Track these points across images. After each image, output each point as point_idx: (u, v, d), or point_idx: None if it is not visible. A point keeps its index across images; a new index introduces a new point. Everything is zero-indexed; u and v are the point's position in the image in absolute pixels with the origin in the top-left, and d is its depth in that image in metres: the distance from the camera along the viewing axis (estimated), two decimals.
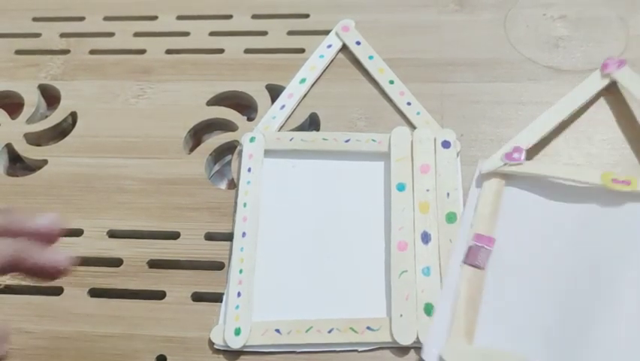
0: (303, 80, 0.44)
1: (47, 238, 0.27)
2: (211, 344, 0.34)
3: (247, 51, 0.47)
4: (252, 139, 0.41)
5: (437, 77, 0.44)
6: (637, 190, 0.35)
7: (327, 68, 0.45)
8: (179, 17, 0.50)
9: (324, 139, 0.40)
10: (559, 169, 0.37)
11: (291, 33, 0.48)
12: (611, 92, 0.41)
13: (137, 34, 0.49)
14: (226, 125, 0.43)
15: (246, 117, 0.44)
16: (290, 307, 0.34)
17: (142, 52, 0.48)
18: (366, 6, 0.49)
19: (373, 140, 0.40)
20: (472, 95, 0.42)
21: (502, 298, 0.33)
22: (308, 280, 0.36)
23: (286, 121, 0.43)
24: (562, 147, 0.40)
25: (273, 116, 0.43)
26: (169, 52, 0.48)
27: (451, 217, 0.36)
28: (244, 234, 0.37)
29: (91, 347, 0.35)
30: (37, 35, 0.51)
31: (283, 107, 0.43)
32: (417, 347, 0.32)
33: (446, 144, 0.39)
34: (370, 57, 0.45)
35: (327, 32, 0.47)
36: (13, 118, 0.46)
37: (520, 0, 0.48)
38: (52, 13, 0.52)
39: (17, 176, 0.43)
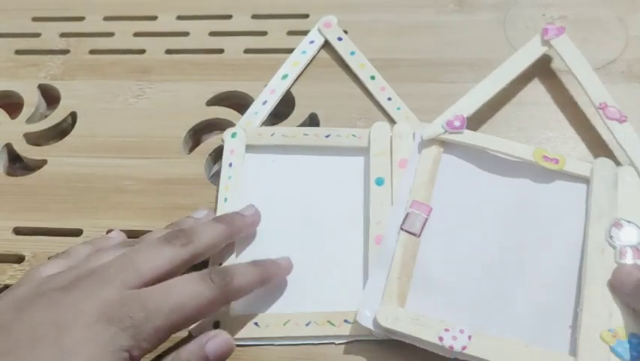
0: (285, 76, 0.45)
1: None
2: None
3: (247, 51, 0.47)
4: (234, 135, 0.41)
5: (436, 78, 0.44)
6: (564, 170, 0.36)
7: (309, 63, 0.46)
8: (179, 17, 0.50)
9: (304, 134, 0.41)
10: (495, 142, 0.38)
11: (290, 33, 0.48)
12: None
13: (136, 34, 0.50)
14: (226, 126, 0.43)
15: None
16: (269, 301, 0.35)
17: (142, 52, 0.48)
18: (366, 6, 0.49)
19: (354, 135, 0.40)
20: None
21: (434, 265, 0.34)
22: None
23: (266, 117, 0.43)
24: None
25: (255, 112, 0.43)
26: (169, 52, 0.48)
27: None
28: None
29: None
30: (37, 35, 0.51)
31: (265, 102, 0.43)
32: (392, 339, 0.33)
33: None
34: (352, 53, 0.45)
35: None
36: (12, 118, 0.46)
37: (519, 0, 0.48)
38: (52, 13, 0.52)
39: (17, 176, 0.43)
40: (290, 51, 0.47)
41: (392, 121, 0.41)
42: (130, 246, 0.33)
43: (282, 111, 0.44)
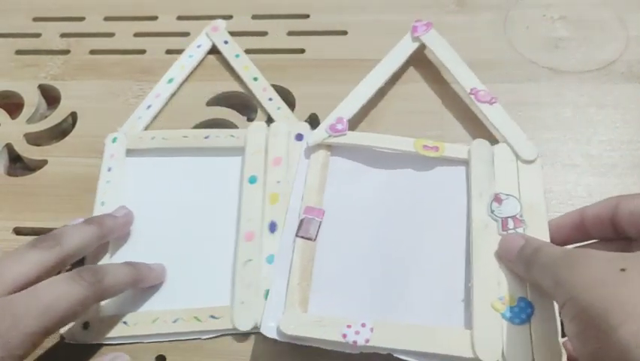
0: (170, 80, 0.45)
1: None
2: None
3: (247, 51, 0.47)
4: (114, 139, 0.42)
5: (437, 78, 0.44)
6: (444, 155, 0.38)
7: (196, 67, 0.46)
8: (179, 18, 0.50)
9: (184, 136, 0.41)
10: (377, 139, 0.39)
11: (290, 33, 0.48)
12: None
13: (137, 35, 0.50)
14: (226, 126, 0.43)
15: (245, 118, 0.44)
16: (140, 301, 0.35)
17: (142, 52, 0.48)
18: (367, 6, 0.49)
19: (232, 135, 0.41)
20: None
21: (332, 266, 0.35)
22: None
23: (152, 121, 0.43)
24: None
25: (138, 116, 0.43)
26: (169, 52, 0.48)
27: None
28: None
29: None
30: (38, 35, 0.51)
31: (149, 107, 0.44)
32: (257, 332, 0.33)
33: (299, 137, 0.40)
34: (237, 55, 0.46)
35: (327, 33, 0.48)
36: (13, 118, 0.46)
37: (520, 1, 0.48)
38: (53, 13, 0.52)
39: (17, 176, 0.43)
40: (290, 51, 0.47)
41: (271, 120, 0.42)
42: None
43: None
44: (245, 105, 0.45)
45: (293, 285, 0.33)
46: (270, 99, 0.43)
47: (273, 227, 0.36)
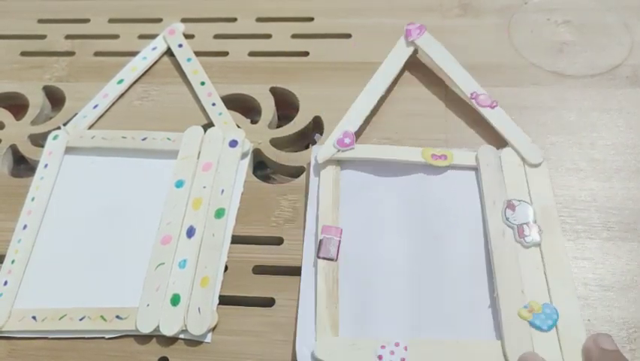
0: (120, 81, 0.46)
1: None
2: None
3: (251, 54, 0.47)
4: (55, 137, 0.42)
5: (441, 81, 0.44)
6: (453, 163, 0.38)
7: (148, 69, 0.47)
8: (184, 20, 0.51)
9: (123, 137, 0.42)
10: (385, 151, 0.39)
11: (295, 36, 0.48)
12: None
13: (141, 37, 0.50)
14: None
15: (249, 120, 0.44)
16: (53, 297, 0.36)
17: None
18: (371, 10, 0.49)
19: (168, 138, 0.41)
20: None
21: (357, 285, 0.35)
22: (75, 272, 0.37)
23: (97, 119, 0.44)
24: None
25: (84, 115, 0.44)
26: (172, 54, 0.48)
27: (219, 213, 0.37)
28: (25, 226, 0.39)
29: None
30: (43, 37, 0.51)
31: (96, 106, 0.44)
32: (158, 335, 0.34)
33: (233, 143, 0.40)
34: (188, 59, 0.47)
35: (330, 36, 0.48)
36: (17, 119, 0.46)
37: (524, 5, 0.48)
38: (58, 15, 0.52)
39: (21, 177, 0.43)
40: (294, 54, 0.47)
41: (211, 125, 0.42)
42: None
43: (285, 114, 0.44)
44: (249, 108, 0.45)
45: (321, 309, 0.33)
46: (214, 104, 0.44)
47: (190, 232, 0.37)
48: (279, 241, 0.37)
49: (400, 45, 0.44)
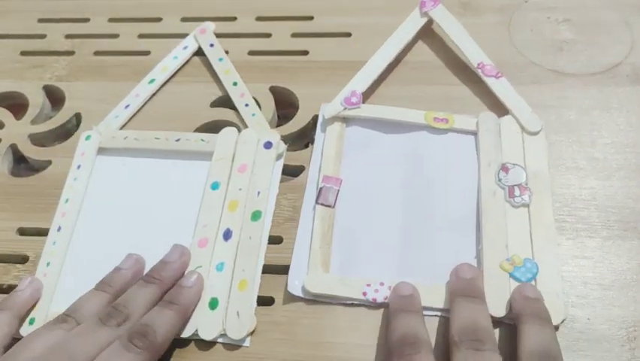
0: (152, 81, 0.45)
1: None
2: None
3: (251, 53, 0.47)
4: (88, 137, 0.42)
5: (442, 80, 0.44)
6: (454, 127, 0.40)
7: (179, 69, 0.46)
8: (184, 19, 0.50)
9: (156, 138, 0.41)
10: (390, 111, 0.41)
11: (295, 35, 0.48)
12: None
13: (141, 36, 0.50)
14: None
15: None
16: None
17: (146, 53, 0.48)
18: (370, 9, 0.49)
19: (202, 140, 0.41)
20: (476, 98, 0.42)
21: (351, 230, 0.37)
22: None
23: (130, 119, 0.44)
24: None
25: (115, 115, 0.44)
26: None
27: (256, 215, 0.37)
28: (59, 228, 0.38)
29: None
30: (43, 36, 0.51)
31: (128, 106, 0.44)
32: (196, 338, 0.33)
33: (268, 145, 0.40)
34: (220, 59, 0.46)
35: (331, 35, 0.48)
36: (17, 119, 0.46)
37: (524, 3, 0.48)
38: (58, 14, 0.52)
39: (21, 176, 0.43)
40: (294, 53, 0.47)
41: (246, 126, 0.42)
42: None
43: (285, 113, 0.44)
44: None
45: (315, 248, 0.36)
46: (247, 105, 0.43)
47: (227, 235, 0.36)
48: (278, 240, 0.37)
49: (414, 15, 0.46)
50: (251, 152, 0.40)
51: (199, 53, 0.48)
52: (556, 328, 0.32)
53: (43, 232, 0.39)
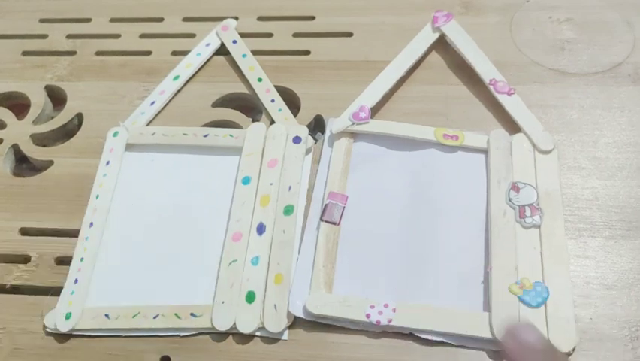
0: (176, 77, 0.45)
1: None
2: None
3: (253, 53, 0.47)
4: (115, 134, 0.42)
5: (442, 80, 0.44)
6: (464, 144, 0.39)
7: (202, 67, 0.46)
8: (185, 19, 0.50)
9: (184, 134, 0.42)
10: (399, 127, 0.40)
11: (296, 35, 0.48)
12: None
13: (143, 36, 0.50)
14: (231, 127, 0.43)
15: (251, 119, 0.44)
16: (124, 295, 0.36)
17: (148, 53, 0.48)
18: (372, 8, 0.49)
19: (231, 135, 0.41)
20: (477, 98, 0.42)
21: (356, 249, 0.36)
22: (144, 269, 0.37)
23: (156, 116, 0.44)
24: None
25: (142, 112, 0.44)
26: (175, 53, 0.48)
27: (288, 210, 0.37)
28: (91, 224, 0.38)
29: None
30: (44, 37, 0.51)
31: (153, 103, 0.44)
32: (234, 332, 0.33)
33: (297, 140, 0.40)
34: (244, 55, 0.46)
35: (332, 35, 0.48)
36: (19, 119, 0.46)
37: (526, 3, 0.48)
38: (59, 14, 0.52)
39: (23, 176, 0.43)
40: (296, 53, 0.47)
41: (273, 122, 0.42)
42: None
43: None
44: (250, 107, 0.45)
45: (318, 267, 0.35)
46: (273, 100, 0.43)
47: (260, 229, 0.36)
48: None
49: (426, 30, 0.45)
50: (280, 147, 0.40)
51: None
52: (568, 355, 0.31)
53: (45, 232, 0.39)
